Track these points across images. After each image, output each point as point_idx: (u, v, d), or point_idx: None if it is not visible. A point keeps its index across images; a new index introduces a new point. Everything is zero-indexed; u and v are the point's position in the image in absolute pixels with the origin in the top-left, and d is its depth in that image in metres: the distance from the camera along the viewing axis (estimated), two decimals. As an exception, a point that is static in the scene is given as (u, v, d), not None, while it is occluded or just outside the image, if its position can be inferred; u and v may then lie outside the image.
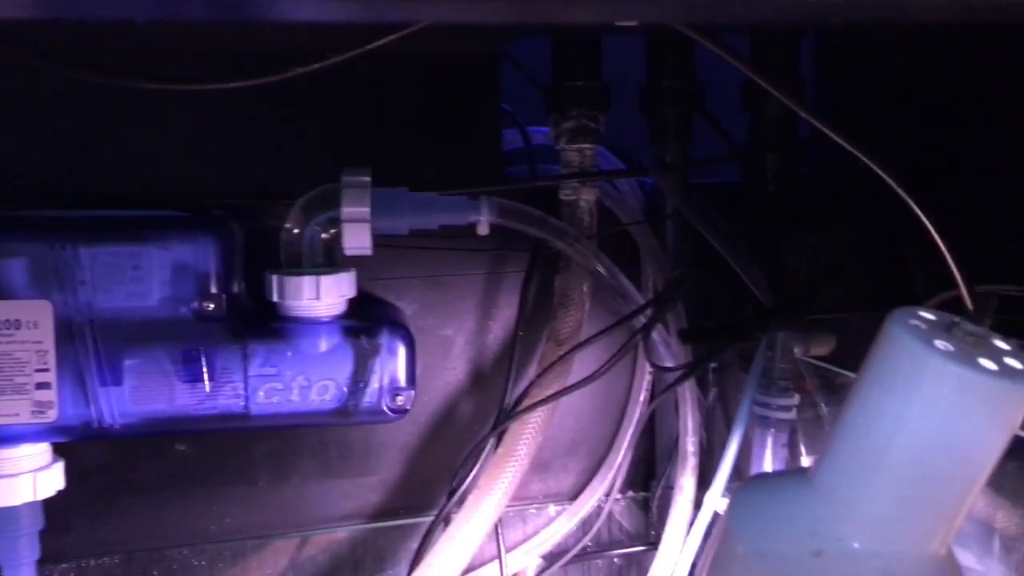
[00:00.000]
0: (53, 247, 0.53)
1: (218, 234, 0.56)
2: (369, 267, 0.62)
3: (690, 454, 0.62)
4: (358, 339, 0.58)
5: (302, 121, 0.62)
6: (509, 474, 0.59)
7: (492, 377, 0.68)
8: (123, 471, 0.61)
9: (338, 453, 0.65)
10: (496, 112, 0.66)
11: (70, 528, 0.60)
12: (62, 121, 0.57)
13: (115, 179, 0.59)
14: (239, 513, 0.64)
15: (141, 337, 0.54)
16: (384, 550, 0.67)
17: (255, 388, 0.56)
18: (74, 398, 0.53)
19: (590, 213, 0.64)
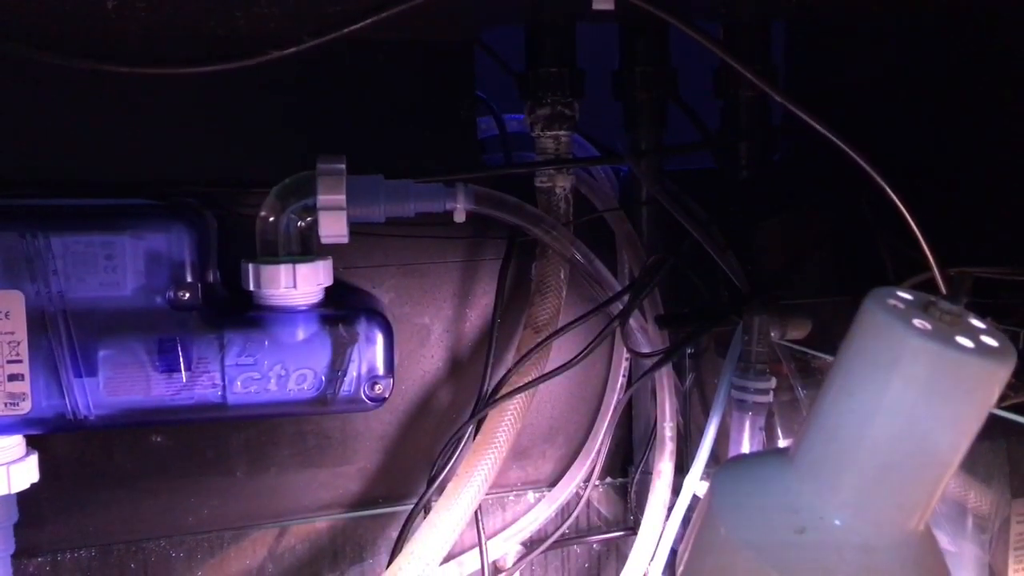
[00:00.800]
0: (24, 236, 0.52)
1: (191, 222, 0.56)
2: (345, 255, 0.61)
3: (668, 439, 0.62)
4: (336, 327, 0.57)
5: (276, 108, 0.61)
6: (488, 461, 0.59)
7: (469, 365, 0.68)
8: (98, 463, 0.61)
9: (316, 443, 0.65)
10: (471, 99, 0.66)
11: (45, 521, 0.59)
12: (31, 108, 0.56)
13: (86, 167, 0.58)
14: (217, 504, 0.63)
15: (115, 327, 0.54)
16: (363, 539, 0.67)
17: (232, 378, 0.56)
18: (48, 389, 0.53)
19: (566, 200, 0.64)
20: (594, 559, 0.72)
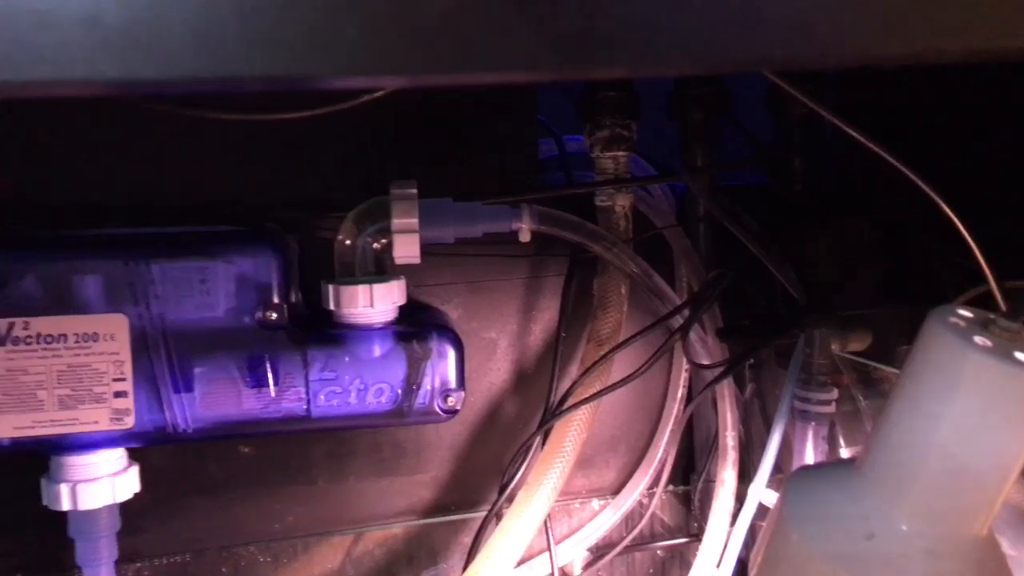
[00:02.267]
0: (127, 263, 0.56)
1: (277, 247, 0.60)
2: (416, 274, 0.65)
3: (730, 448, 0.64)
4: (410, 343, 0.61)
5: (349, 139, 0.65)
6: (557, 470, 0.62)
7: (534, 377, 0.71)
8: (192, 473, 0.65)
9: (391, 453, 0.68)
10: (533, 123, 0.69)
11: (143, 528, 0.63)
12: (133, 144, 0.61)
13: (179, 195, 0.62)
14: (301, 511, 0.67)
15: (209, 346, 0.58)
16: (437, 544, 0.70)
17: (316, 392, 0.59)
18: (149, 405, 0.57)
19: (625, 218, 0.66)
20: (658, 565, 0.74)
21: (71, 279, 0.55)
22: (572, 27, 0.24)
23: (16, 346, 0.54)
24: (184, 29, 0.25)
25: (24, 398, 0.55)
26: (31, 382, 0.55)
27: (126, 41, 0.25)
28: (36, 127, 0.59)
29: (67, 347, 0.55)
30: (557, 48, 0.24)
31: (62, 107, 0.58)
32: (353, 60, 0.24)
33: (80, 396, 0.55)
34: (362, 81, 0.28)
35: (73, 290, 0.55)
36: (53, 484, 0.57)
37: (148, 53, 0.25)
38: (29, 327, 0.54)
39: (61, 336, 0.55)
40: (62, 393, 0.55)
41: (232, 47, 0.25)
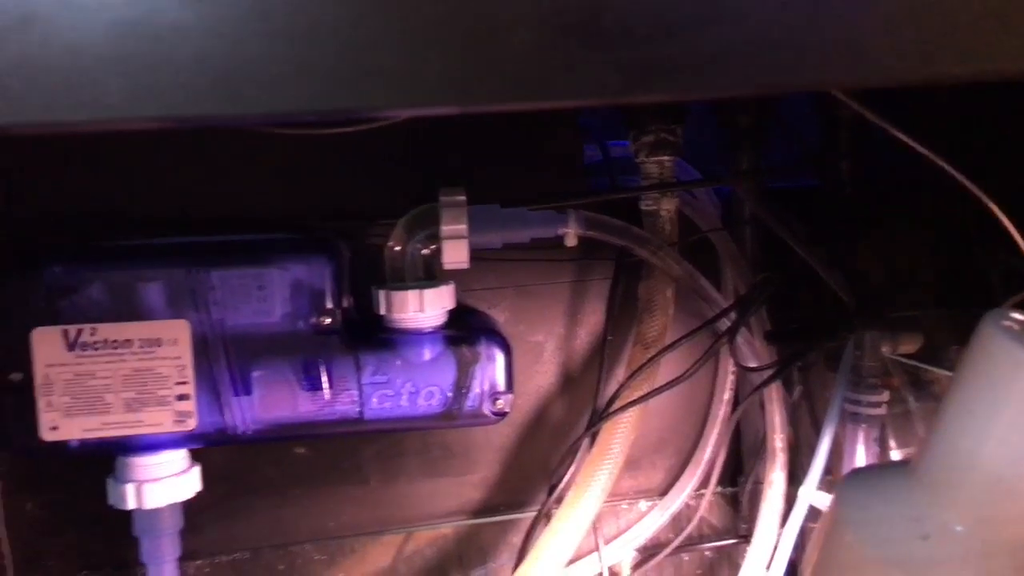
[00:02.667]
0: (189, 271, 0.58)
1: (330, 253, 0.61)
2: (463, 279, 0.66)
3: (779, 450, 0.65)
4: (460, 347, 0.62)
5: (396, 148, 0.66)
6: (606, 471, 0.62)
7: (581, 380, 0.71)
8: (249, 474, 0.67)
9: (440, 454, 0.70)
10: (576, 129, 0.69)
11: (203, 527, 0.65)
12: (190, 160, 0.63)
13: (236, 206, 0.64)
14: (353, 511, 0.69)
15: (267, 351, 0.59)
16: (487, 544, 0.71)
17: (369, 395, 0.61)
18: (210, 408, 0.59)
19: (671, 222, 0.67)
20: (706, 566, 0.75)
21: (135, 286, 0.57)
22: (639, 55, 0.25)
23: (84, 351, 0.57)
24: (270, 68, 0.26)
25: (92, 401, 0.57)
26: (98, 385, 0.57)
27: (205, 80, 0.26)
28: (101, 144, 0.61)
29: (132, 352, 0.57)
30: (625, 74, 0.25)
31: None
32: (440, 93, 0.26)
33: (145, 399, 0.57)
34: (445, 111, 0.29)
35: (137, 297, 0.57)
36: (119, 484, 0.59)
37: (231, 91, 0.27)
38: (96, 333, 0.57)
39: (127, 341, 0.57)
40: (128, 396, 0.57)
41: (326, 83, 0.27)
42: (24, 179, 0.60)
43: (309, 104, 0.26)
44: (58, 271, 0.57)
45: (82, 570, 0.65)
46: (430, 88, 0.26)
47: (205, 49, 0.25)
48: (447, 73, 0.25)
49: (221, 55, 0.26)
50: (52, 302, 0.56)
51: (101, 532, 0.65)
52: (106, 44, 0.25)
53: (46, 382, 0.56)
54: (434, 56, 0.25)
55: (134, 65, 0.25)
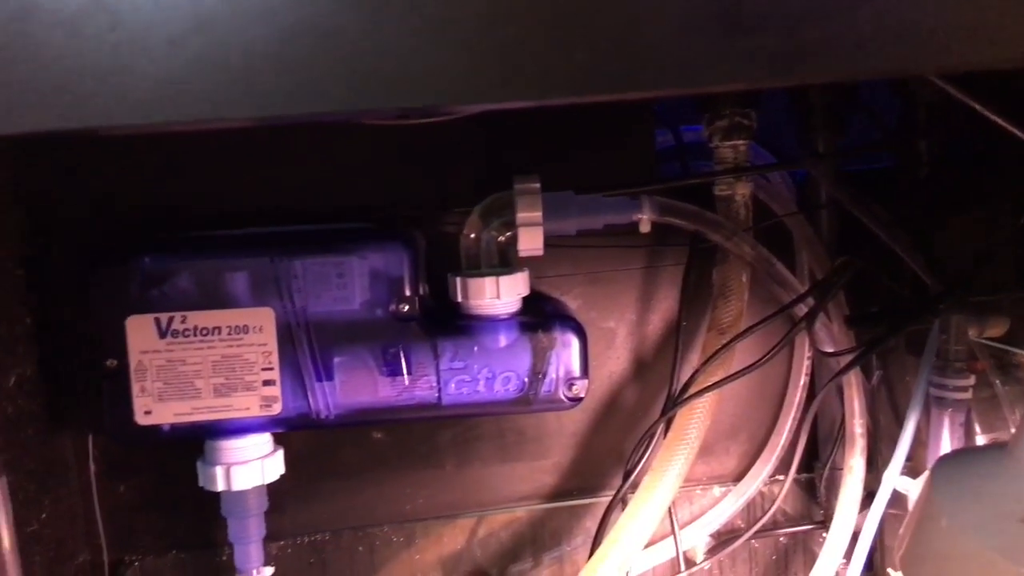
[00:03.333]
0: (273, 260, 0.59)
1: (407, 242, 0.62)
2: (536, 266, 0.66)
3: (858, 436, 0.64)
4: (535, 333, 0.62)
5: (469, 137, 0.66)
6: (682, 456, 0.62)
7: (653, 366, 0.71)
8: (329, 458, 0.68)
9: (514, 439, 0.70)
10: (648, 114, 0.69)
11: (286, 509, 0.67)
12: (271, 154, 0.64)
13: (316, 196, 0.65)
14: (429, 494, 0.70)
15: (347, 337, 0.61)
16: (560, 528, 0.72)
17: (447, 380, 0.62)
18: (294, 393, 0.60)
19: (745, 206, 0.66)
20: (781, 552, 0.74)
21: (222, 275, 0.59)
22: (777, 42, 0.25)
23: (175, 338, 0.59)
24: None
25: (183, 387, 0.59)
26: (189, 371, 0.59)
27: (358, 77, 0.27)
28: (186, 140, 0.63)
29: (221, 339, 0.59)
30: (766, 61, 0.25)
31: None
32: (590, 83, 0.26)
33: (233, 384, 0.59)
34: (593, 99, 0.30)
35: (224, 286, 0.59)
36: (208, 466, 0.61)
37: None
38: (187, 320, 0.59)
39: (215, 328, 0.59)
40: (217, 382, 0.59)
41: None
42: (114, 174, 0.63)
43: (458, 98, 0.27)
44: (148, 262, 0.59)
45: (171, 549, 0.68)
46: (579, 77, 0.26)
47: (358, 48, 0.26)
48: (600, 61, 0.26)
49: (370, 53, 0.26)
50: (144, 291, 0.58)
51: (189, 513, 0.67)
52: (274, 44, 0.26)
53: (140, 368, 0.58)
54: (582, 45, 0.26)
55: (298, 64, 0.26)
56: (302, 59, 0.26)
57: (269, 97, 0.26)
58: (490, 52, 0.27)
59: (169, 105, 0.26)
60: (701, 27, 0.25)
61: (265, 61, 0.26)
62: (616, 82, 0.26)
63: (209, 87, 0.26)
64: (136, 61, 0.26)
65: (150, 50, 0.26)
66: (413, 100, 0.27)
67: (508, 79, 0.27)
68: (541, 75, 0.26)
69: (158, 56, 0.26)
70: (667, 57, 0.26)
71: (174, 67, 0.26)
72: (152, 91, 0.26)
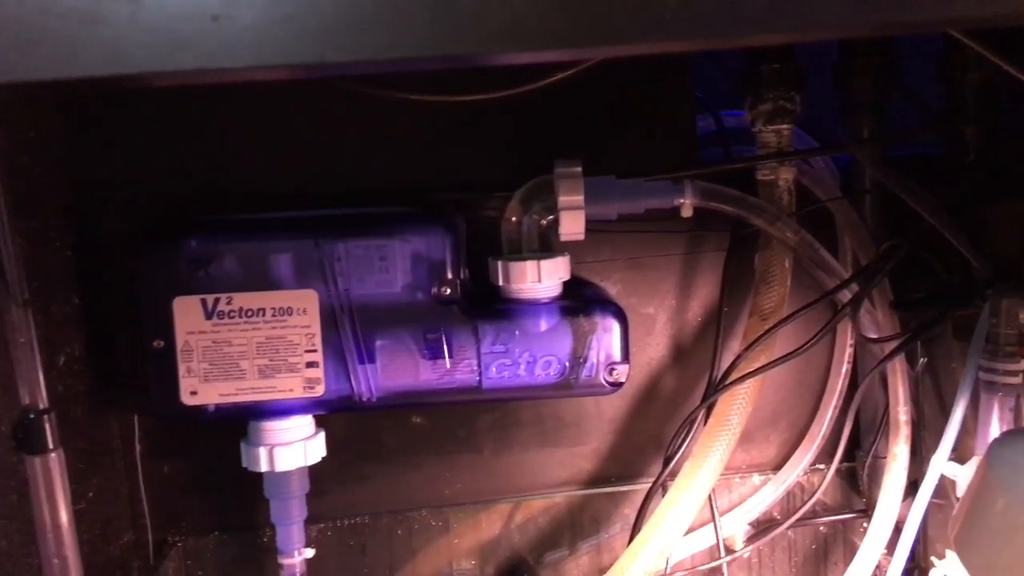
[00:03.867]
0: (316, 243, 0.60)
1: (448, 225, 0.62)
2: (576, 251, 0.66)
3: (902, 423, 0.63)
4: (576, 317, 0.62)
5: (508, 122, 0.66)
6: (723, 442, 0.62)
7: (692, 352, 0.71)
8: (368, 442, 0.69)
9: (553, 425, 0.70)
10: (689, 99, 0.69)
11: (326, 492, 0.68)
12: (318, 131, 0.65)
13: (357, 179, 0.66)
14: (468, 479, 0.70)
15: (389, 320, 0.61)
16: (599, 514, 0.72)
17: (487, 364, 0.62)
18: (337, 375, 0.60)
19: (788, 191, 0.66)
20: (820, 541, 0.74)
21: (267, 258, 0.60)
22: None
23: (221, 319, 0.59)
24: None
25: (228, 368, 0.59)
26: (234, 352, 0.59)
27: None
28: (229, 121, 0.63)
29: (265, 320, 0.59)
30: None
31: (250, 105, 0.63)
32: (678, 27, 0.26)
33: (277, 366, 0.60)
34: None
35: (268, 268, 0.60)
36: (252, 447, 0.61)
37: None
38: (232, 302, 0.59)
39: (260, 310, 0.59)
40: (261, 363, 0.60)
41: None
42: (161, 157, 0.63)
43: (551, 43, 0.27)
44: (195, 244, 0.59)
45: (214, 530, 0.68)
46: (673, 22, 0.26)
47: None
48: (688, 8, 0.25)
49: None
50: (191, 273, 0.59)
51: (231, 494, 0.68)
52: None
53: (186, 349, 0.59)
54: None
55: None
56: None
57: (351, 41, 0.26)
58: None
59: (244, 50, 0.26)
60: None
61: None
62: (711, 29, 0.26)
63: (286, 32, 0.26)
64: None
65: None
66: (505, 46, 0.27)
67: (585, 23, 0.26)
68: (633, 20, 0.26)
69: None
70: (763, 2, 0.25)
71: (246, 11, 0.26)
72: (231, 37, 0.26)
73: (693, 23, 0.27)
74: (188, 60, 0.25)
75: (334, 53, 0.27)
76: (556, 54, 0.29)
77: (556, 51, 0.29)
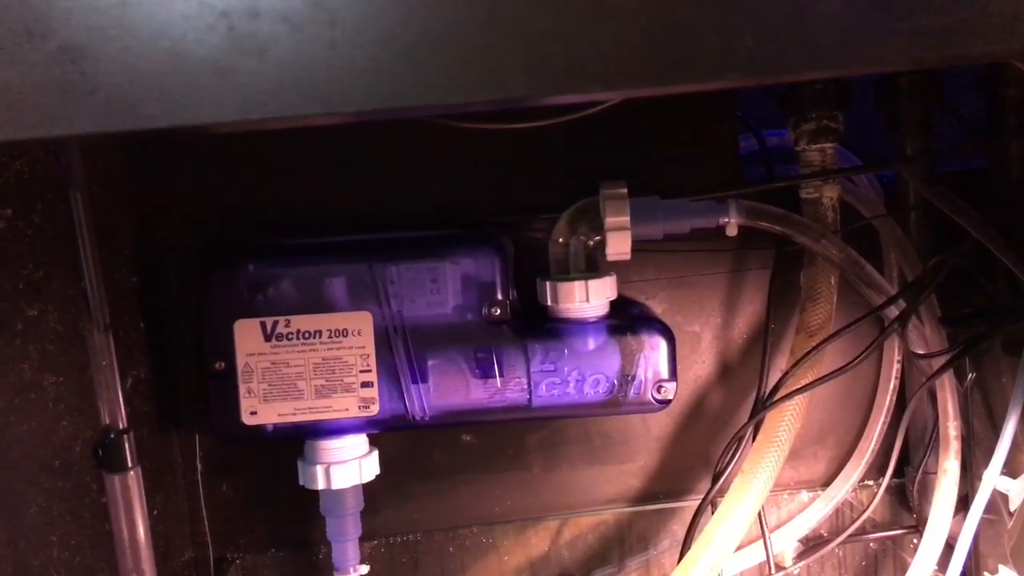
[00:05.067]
0: (370, 266, 0.62)
1: (497, 247, 0.64)
2: (621, 271, 0.67)
3: (952, 438, 0.63)
4: (624, 336, 0.63)
5: (554, 144, 0.68)
6: (773, 459, 0.62)
7: (738, 370, 0.72)
8: (420, 460, 0.70)
9: (601, 442, 0.71)
10: (732, 120, 0.70)
11: (379, 510, 0.69)
12: (365, 160, 0.66)
13: (406, 203, 0.67)
14: (517, 496, 0.71)
15: (441, 340, 0.62)
16: (647, 531, 0.72)
17: (537, 383, 0.63)
18: (391, 394, 0.62)
19: (833, 209, 0.66)
20: (871, 558, 0.73)
21: (322, 281, 0.62)
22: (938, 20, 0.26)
23: (279, 341, 0.61)
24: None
25: (286, 388, 0.61)
26: (292, 373, 0.61)
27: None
28: (283, 149, 0.66)
29: (322, 342, 0.61)
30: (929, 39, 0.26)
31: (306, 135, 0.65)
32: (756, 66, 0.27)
33: (333, 386, 0.61)
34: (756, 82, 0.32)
35: (325, 291, 0.62)
36: (309, 465, 0.63)
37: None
38: (290, 324, 0.61)
39: (317, 332, 0.61)
40: (318, 383, 0.61)
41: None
42: (219, 185, 0.66)
43: (629, 84, 0.28)
44: (253, 268, 0.61)
45: (271, 547, 0.70)
46: (748, 60, 0.27)
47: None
48: (764, 45, 0.27)
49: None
50: (250, 296, 0.61)
51: (287, 513, 0.69)
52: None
53: (246, 370, 0.61)
54: (751, 29, 0.27)
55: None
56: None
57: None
58: (661, 34, 0.28)
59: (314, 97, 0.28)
60: (865, 6, 0.26)
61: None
62: (785, 65, 0.27)
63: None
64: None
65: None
66: (583, 87, 0.28)
67: (669, 60, 0.28)
68: (714, 58, 0.27)
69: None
70: (834, 37, 0.27)
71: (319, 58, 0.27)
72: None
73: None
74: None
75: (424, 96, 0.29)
76: (610, 95, 0.31)
77: (610, 93, 0.31)
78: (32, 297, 0.48)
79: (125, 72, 0.26)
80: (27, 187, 0.49)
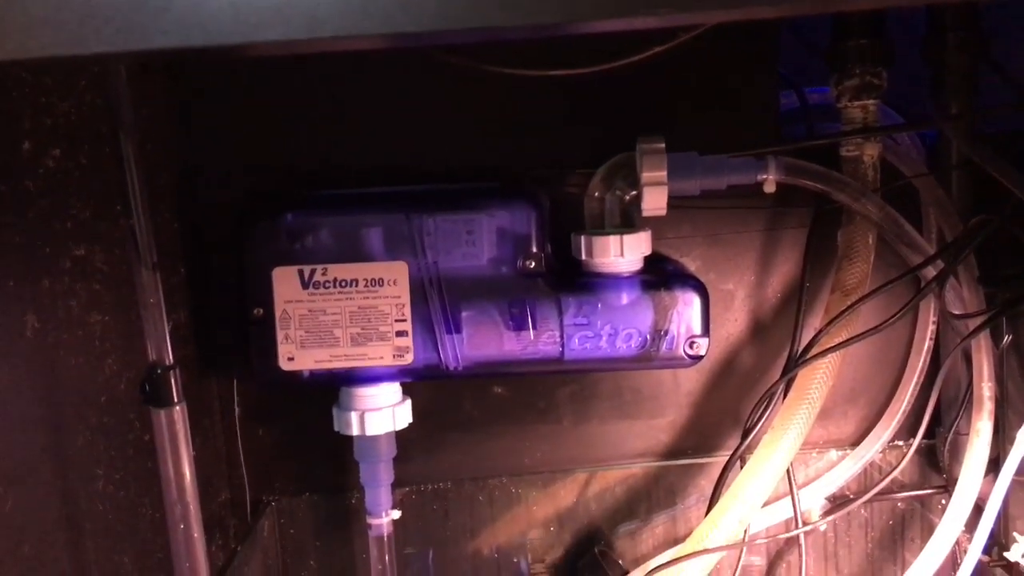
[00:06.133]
0: (407, 217, 0.62)
1: (533, 201, 0.64)
2: (655, 227, 0.67)
3: (986, 399, 0.63)
4: (657, 291, 0.64)
5: (589, 99, 0.67)
6: (803, 416, 0.63)
7: (771, 328, 0.72)
8: (451, 411, 0.71)
9: (631, 397, 0.72)
10: (774, 76, 0.69)
11: (411, 458, 0.70)
12: (397, 112, 0.66)
13: (445, 157, 0.67)
14: (547, 448, 0.72)
15: (475, 292, 0.63)
16: (675, 486, 0.73)
17: (570, 336, 0.63)
18: (425, 344, 0.63)
19: (873, 168, 0.65)
20: (898, 518, 0.74)
21: (359, 231, 0.62)
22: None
23: (316, 289, 0.62)
24: None
25: (323, 335, 0.62)
26: (328, 321, 0.62)
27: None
28: (322, 102, 0.66)
29: (358, 291, 0.62)
30: None
31: (344, 86, 0.65)
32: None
33: (368, 334, 0.62)
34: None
35: (361, 241, 0.62)
36: (344, 412, 0.64)
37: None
38: (327, 272, 0.62)
39: (353, 281, 0.62)
40: (354, 331, 0.62)
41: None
42: (260, 134, 0.66)
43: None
44: (291, 217, 0.62)
45: (306, 491, 0.72)
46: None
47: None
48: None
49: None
50: (289, 245, 0.61)
51: (322, 458, 0.71)
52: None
53: (284, 317, 0.62)
54: None
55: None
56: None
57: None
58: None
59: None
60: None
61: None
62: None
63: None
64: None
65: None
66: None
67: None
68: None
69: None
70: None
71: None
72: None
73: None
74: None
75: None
76: (649, 21, 0.30)
77: (650, 18, 0.30)
78: (79, 237, 0.49)
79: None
80: (74, 128, 0.49)
